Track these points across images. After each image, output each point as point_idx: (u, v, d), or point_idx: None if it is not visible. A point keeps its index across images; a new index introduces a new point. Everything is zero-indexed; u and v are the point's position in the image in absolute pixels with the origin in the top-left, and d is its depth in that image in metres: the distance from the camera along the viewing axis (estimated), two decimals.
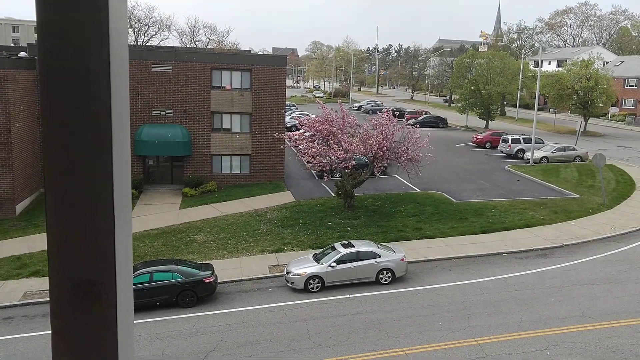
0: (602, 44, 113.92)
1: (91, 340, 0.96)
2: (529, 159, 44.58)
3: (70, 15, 0.86)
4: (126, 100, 0.95)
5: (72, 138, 0.89)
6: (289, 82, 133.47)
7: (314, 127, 30.25)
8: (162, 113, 36.95)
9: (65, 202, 0.91)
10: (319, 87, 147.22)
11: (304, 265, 22.58)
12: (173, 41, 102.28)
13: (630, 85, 78.98)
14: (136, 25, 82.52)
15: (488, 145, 52.20)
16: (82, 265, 0.94)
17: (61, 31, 0.87)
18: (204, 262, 24.07)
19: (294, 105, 79.12)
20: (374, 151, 29.79)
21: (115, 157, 0.92)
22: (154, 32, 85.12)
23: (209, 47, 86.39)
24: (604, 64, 71.19)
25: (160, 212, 32.57)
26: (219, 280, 22.29)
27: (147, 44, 79.19)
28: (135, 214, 32.16)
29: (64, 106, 0.89)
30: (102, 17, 0.87)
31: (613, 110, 75.84)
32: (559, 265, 24.08)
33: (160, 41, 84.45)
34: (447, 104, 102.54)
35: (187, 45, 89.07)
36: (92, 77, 0.89)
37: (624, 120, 75.26)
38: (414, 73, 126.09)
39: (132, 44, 78.52)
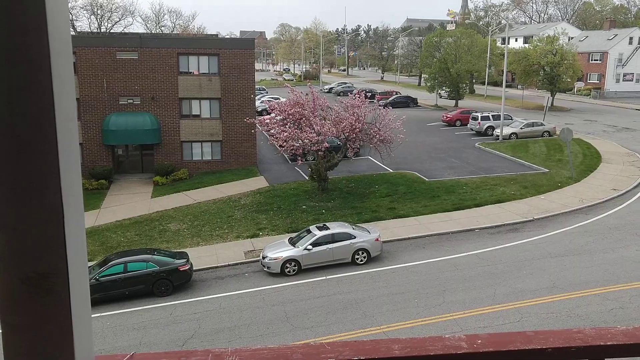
0: (567, 19, 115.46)
1: (45, 335, 0.91)
2: (498, 136, 45.18)
3: None
4: (70, 78, 0.90)
5: (10, 121, 0.83)
6: (258, 66, 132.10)
7: (285, 110, 30.05)
8: (129, 101, 36.24)
9: (8, 190, 0.86)
10: (289, 69, 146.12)
11: (279, 250, 22.59)
12: (138, 27, 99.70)
13: (594, 60, 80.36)
14: (99, 11, 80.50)
15: (458, 123, 52.70)
16: (30, 257, 0.88)
17: None
18: (178, 250, 23.90)
19: (264, 89, 78.48)
20: (346, 133, 29.78)
21: (60, 138, 0.87)
22: (118, 19, 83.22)
23: (174, 32, 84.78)
24: (568, 40, 72.10)
25: (132, 201, 32.12)
26: (194, 268, 22.17)
27: (111, 31, 77.33)
28: (106, 205, 31.67)
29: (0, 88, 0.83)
30: None
31: (579, 84, 77.18)
32: (530, 239, 24.59)
33: (125, 27, 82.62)
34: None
35: (153, 31, 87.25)
36: (30, 56, 0.83)
37: (590, 95, 76.74)
38: (383, 53, 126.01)
39: (95, 31, 76.54)
